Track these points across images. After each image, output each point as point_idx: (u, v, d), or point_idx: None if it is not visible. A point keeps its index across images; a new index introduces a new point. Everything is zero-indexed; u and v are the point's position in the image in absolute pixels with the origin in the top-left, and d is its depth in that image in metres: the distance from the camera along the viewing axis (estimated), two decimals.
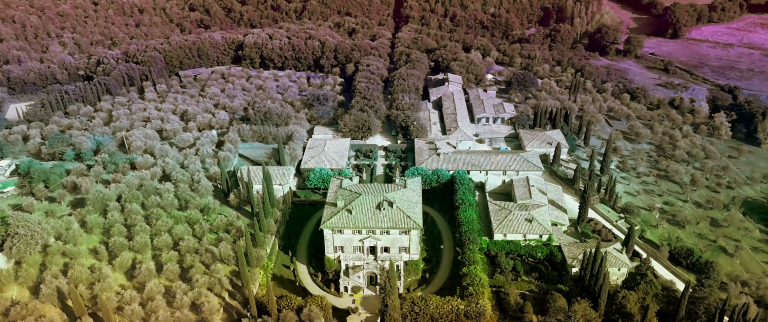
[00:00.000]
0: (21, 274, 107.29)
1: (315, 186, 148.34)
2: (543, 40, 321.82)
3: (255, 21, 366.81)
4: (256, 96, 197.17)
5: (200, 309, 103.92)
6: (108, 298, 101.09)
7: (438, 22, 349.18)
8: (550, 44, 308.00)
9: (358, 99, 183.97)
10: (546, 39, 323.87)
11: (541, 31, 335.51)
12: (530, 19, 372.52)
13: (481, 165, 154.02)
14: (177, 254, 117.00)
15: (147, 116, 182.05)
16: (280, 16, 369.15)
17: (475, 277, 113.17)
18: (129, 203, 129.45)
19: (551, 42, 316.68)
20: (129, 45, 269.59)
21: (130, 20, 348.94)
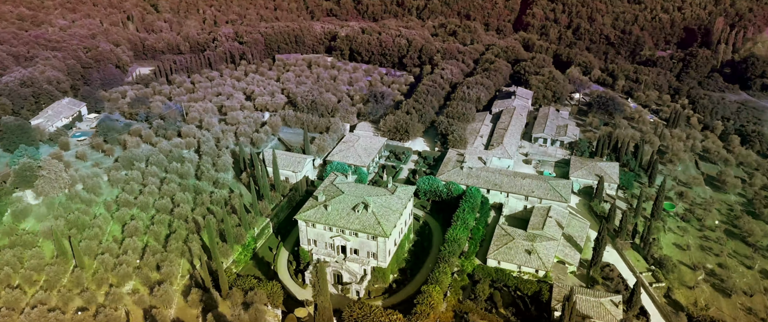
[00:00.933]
0: (40, 211, 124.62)
1: None
2: (674, 65, 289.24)
3: (378, 14, 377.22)
4: (318, 85, 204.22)
5: (161, 270, 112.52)
6: (88, 244, 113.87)
7: (558, 33, 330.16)
8: (682, 70, 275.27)
9: (409, 101, 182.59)
10: (678, 63, 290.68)
11: (676, 55, 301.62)
12: (668, 40, 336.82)
13: (502, 186, 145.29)
14: (169, 218, 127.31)
15: (219, 92, 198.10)
16: (401, 12, 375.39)
17: (428, 297, 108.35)
18: (152, 165, 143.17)
19: (684, 67, 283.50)
20: (245, 26, 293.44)
21: (271, 3, 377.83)
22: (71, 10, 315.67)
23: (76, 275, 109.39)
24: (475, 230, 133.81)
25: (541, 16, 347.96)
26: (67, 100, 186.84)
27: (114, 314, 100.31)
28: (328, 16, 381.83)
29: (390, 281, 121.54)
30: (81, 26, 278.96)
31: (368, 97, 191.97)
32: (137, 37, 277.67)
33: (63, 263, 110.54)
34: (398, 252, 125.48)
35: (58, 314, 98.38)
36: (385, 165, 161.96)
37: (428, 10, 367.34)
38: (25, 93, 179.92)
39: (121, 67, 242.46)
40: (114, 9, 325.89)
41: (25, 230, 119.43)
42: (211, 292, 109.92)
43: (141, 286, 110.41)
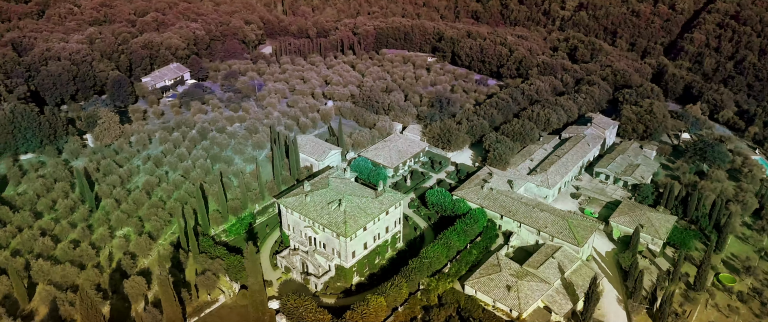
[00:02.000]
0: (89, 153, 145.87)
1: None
2: None
3: (521, 21, 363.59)
4: (390, 82, 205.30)
5: (152, 223, 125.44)
6: (107, 188, 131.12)
7: (716, 64, 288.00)
8: None
9: (465, 111, 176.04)
10: None
11: None
12: None
13: (516, 214, 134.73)
14: (184, 179, 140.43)
15: (301, 76, 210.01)
16: (545, 21, 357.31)
17: (364, 306, 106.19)
18: (193, 130, 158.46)
19: None
20: (367, 18, 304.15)
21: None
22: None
23: (92, 214, 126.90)
24: (466, 253, 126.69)
25: (701, 42, 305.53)
26: (175, 65, 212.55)
27: (91, 251, 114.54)
28: (470, 18, 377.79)
29: (352, 283, 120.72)
30: (231, 3, 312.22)
31: (432, 102, 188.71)
32: (275, 18, 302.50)
33: (81, 204, 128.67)
34: (371, 257, 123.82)
35: (48, 239, 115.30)
36: (414, 171, 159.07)
37: (572, 22, 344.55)
38: (143, 54, 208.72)
39: (247, 43, 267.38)
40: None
41: (70, 167, 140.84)
42: (184, 252, 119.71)
43: (132, 233, 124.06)
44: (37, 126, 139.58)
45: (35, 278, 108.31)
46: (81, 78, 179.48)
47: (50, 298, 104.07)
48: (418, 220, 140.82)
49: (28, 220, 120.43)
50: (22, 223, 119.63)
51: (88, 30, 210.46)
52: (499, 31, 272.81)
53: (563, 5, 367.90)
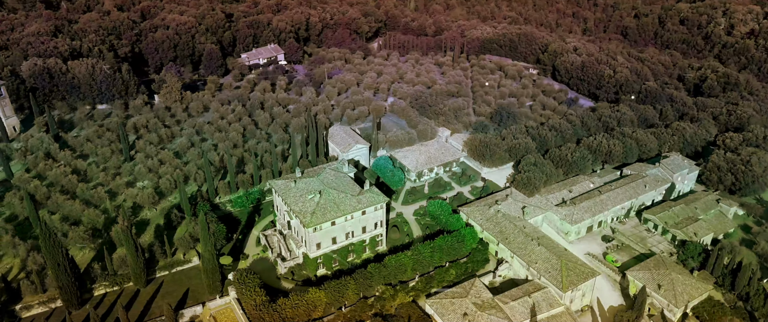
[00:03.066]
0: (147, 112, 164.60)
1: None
2: None
3: (674, 43, 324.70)
4: (463, 88, 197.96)
5: (162, 184, 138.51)
6: (141, 144, 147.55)
7: None
8: None
9: (516, 128, 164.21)
10: None
11: None
12: None
13: (511, 243, 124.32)
14: (214, 150, 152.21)
15: (380, 70, 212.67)
16: (702, 45, 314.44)
17: (302, 296, 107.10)
18: (240, 106, 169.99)
19: None
20: (485, 23, 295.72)
21: (570, 9, 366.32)
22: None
23: (124, 164, 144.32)
24: (443, 270, 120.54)
25: None
26: (272, 46, 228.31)
27: (104, 195, 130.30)
28: (618, 34, 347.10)
29: (315, 274, 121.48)
30: None
31: (494, 113, 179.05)
32: (401, 14, 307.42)
33: (120, 154, 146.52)
34: (344, 253, 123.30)
35: (75, 177, 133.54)
36: (439, 179, 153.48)
37: (734, 50, 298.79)
38: (247, 33, 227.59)
39: (360, 34, 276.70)
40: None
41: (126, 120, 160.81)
42: (178, 212, 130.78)
43: (149, 188, 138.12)
44: (112, 82, 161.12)
45: (49, 207, 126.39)
46: (181, 47, 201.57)
47: (57, 227, 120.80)
48: (415, 228, 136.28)
49: (67, 158, 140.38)
50: (62, 159, 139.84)
51: (202, 6, 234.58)
52: (611, 48, 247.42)
53: (730, 31, 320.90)
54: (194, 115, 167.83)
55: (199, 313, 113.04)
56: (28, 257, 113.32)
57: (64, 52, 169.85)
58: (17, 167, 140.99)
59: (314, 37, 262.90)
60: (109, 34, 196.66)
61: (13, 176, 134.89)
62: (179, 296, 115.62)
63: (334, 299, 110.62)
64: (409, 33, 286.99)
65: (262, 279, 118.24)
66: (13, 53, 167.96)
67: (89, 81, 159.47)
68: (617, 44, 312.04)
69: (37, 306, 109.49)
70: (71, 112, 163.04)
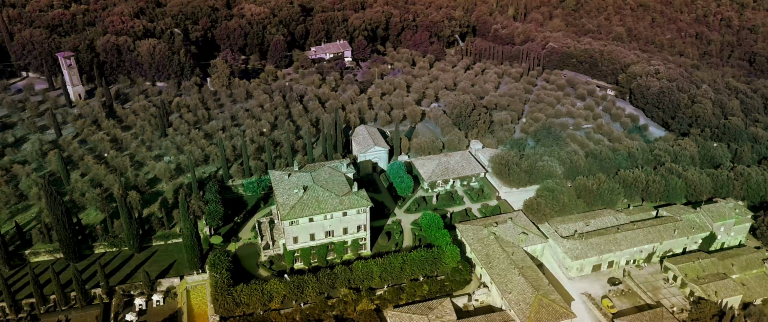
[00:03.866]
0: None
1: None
2: None
3: None
4: (515, 101, 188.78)
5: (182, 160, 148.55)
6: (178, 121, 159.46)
7: None
8: None
9: (539, 151, 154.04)
10: None
11: None
12: None
13: (492, 268, 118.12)
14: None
15: (437, 76, 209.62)
16: None
17: (260, 286, 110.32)
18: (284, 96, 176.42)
19: None
20: (573, 38, 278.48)
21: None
22: None
23: (158, 141, 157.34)
24: (416, 284, 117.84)
25: None
26: (341, 42, 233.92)
27: (127, 167, 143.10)
28: (744, 60, 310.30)
29: (291, 266, 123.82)
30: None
31: (538, 131, 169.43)
32: (492, 20, 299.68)
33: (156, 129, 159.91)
34: (323, 251, 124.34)
35: (110, 145, 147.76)
36: (454, 192, 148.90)
37: None
38: (319, 28, 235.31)
39: (441, 37, 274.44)
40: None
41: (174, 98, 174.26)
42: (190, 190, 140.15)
43: (174, 163, 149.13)
44: (169, 63, 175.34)
45: (82, 168, 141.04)
46: (251, 36, 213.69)
47: (78, 187, 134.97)
48: (408, 238, 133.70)
49: (110, 127, 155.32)
50: (105, 128, 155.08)
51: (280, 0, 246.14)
52: (703, 74, 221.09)
53: None
54: (238, 101, 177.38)
55: (176, 285, 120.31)
56: (44, 210, 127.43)
57: (137, 32, 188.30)
58: (69, 130, 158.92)
59: (393, 37, 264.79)
60: (187, 18, 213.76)
61: (61, 136, 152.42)
62: (165, 266, 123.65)
63: (292, 293, 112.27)
64: (498, 40, 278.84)
65: (242, 264, 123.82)
66: (96, 30, 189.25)
67: (149, 60, 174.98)
68: (735, 72, 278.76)
69: (43, 254, 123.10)
70: (132, 87, 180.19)
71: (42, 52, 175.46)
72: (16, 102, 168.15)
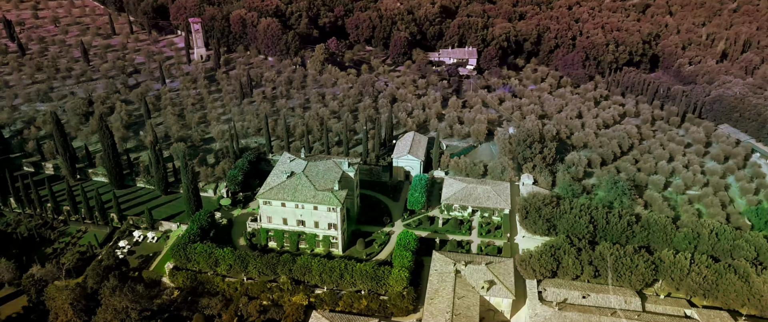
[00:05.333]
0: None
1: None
2: None
3: None
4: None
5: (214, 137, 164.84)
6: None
7: None
8: None
9: (571, 202, 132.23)
10: None
11: None
12: None
13: (431, 304, 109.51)
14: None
15: (542, 100, 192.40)
16: None
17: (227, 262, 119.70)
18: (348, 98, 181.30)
19: None
20: None
21: None
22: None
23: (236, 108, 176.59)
24: (356, 296, 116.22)
25: None
26: (469, 49, 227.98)
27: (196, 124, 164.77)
28: None
29: (263, 243, 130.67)
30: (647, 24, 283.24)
31: (608, 181, 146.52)
32: (679, 54, 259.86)
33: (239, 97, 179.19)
34: (294, 238, 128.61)
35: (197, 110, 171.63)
36: (464, 219, 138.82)
37: None
38: (452, 32, 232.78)
39: (600, 61, 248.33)
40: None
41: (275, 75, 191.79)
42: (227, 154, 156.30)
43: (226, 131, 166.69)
44: (277, 41, 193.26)
45: (162, 117, 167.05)
46: (378, 30, 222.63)
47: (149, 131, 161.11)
48: (388, 249, 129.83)
49: (201, 86, 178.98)
50: (199, 87, 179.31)
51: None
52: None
53: None
54: (324, 86, 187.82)
55: (174, 229, 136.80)
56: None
57: (269, 10, 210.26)
58: (175, 83, 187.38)
59: (544, 54, 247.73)
60: (324, 5, 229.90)
61: (164, 85, 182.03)
62: (175, 212, 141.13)
63: (237, 265, 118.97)
64: (679, 78, 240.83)
65: (232, 229, 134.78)
66: (239, 3, 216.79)
67: (263, 36, 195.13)
68: None
69: (100, 175, 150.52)
70: (243, 57, 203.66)
71: (187, 17, 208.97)
72: (152, 53, 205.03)
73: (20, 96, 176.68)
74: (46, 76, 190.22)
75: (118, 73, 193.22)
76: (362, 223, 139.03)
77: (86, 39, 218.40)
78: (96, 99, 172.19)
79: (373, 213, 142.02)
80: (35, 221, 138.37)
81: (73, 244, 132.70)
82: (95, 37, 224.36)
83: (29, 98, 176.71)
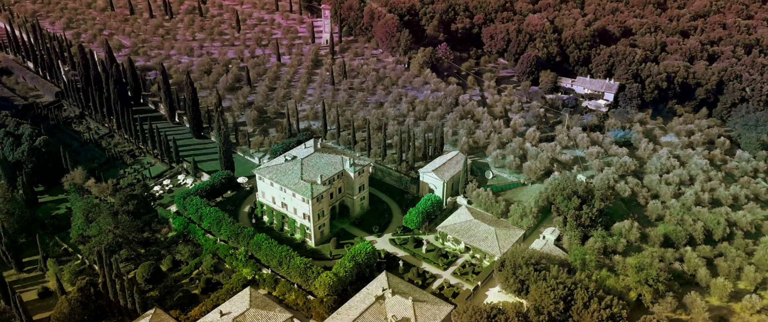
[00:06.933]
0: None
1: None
2: None
3: None
4: None
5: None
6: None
7: None
8: None
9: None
10: None
11: None
12: None
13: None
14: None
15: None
16: None
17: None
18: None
19: None
20: None
21: None
22: None
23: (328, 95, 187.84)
24: (286, 285, 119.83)
25: None
26: (614, 83, 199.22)
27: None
28: None
29: (258, 215, 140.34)
30: None
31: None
32: None
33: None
34: (280, 217, 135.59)
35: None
36: (448, 253, 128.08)
37: None
38: (604, 61, 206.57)
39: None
40: None
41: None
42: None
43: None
44: (391, 38, 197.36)
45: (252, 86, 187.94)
46: (513, 43, 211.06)
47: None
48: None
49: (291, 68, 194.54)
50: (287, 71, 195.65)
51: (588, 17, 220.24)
52: None
53: None
54: (414, 89, 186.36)
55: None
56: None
57: (402, 8, 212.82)
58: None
59: (723, 107, 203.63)
60: (465, 10, 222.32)
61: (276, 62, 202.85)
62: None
63: (213, 225, 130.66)
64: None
65: (246, 197, 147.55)
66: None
67: (379, 30, 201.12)
68: None
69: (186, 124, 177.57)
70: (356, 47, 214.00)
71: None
72: (288, 30, 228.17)
73: (176, 48, 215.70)
74: (204, 36, 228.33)
75: (254, 44, 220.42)
76: (357, 225, 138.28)
77: (249, 10, 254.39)
78: (220, 61, 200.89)
79: (373, 219, 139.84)
80: (129, 146, 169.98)
81: (138, 170, 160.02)
82: (260, 10, 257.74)
83: (179, 52, 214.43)
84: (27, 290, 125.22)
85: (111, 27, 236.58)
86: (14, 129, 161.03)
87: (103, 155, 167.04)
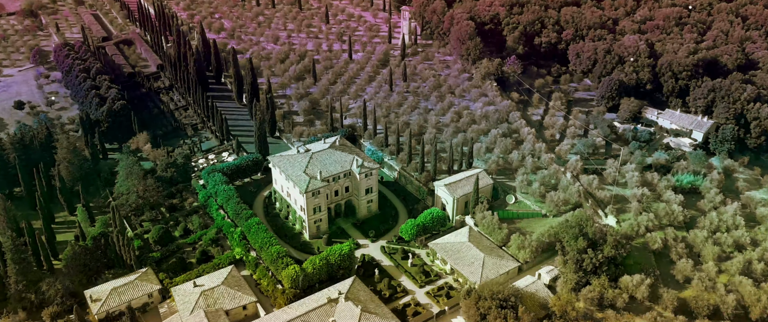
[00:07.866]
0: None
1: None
2: None
3: None
4: None
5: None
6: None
7: None
8: None
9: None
10: None
11: None
12: None
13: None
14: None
15: None
16: None
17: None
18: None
19: None
20: None
21: None
22: None
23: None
24: (264, 269, 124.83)
25: None
26: (707, 122, 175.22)
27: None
28: None
29: (272, 199, 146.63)
30: None
31: None
32: None
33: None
34: (284, 204, 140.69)
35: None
36: (437, 274, 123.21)
37: None
38: (704, 94, 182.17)
39: None
40: None
41: None
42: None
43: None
44: (461, 45, 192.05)
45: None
46: (599, 64, 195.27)
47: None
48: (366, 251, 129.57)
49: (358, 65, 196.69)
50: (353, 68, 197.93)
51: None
52: None
53: None
54: (469, 99, 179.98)
55: None
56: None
57: (486, 17, 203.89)
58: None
59: None
60: (556, 24, 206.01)
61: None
62: None
63: (224, 202, 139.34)
64: None
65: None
66: (466, 4, 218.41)
67: (456, 35, 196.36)
68: None
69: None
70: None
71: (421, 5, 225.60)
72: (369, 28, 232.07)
73: (265, 36, 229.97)
74: (294, 27, 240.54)
75: (335, 38, 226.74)
76: (357, 226, 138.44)
77: (343, 5, 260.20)
78: (297, 52, 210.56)
79: (377, 223, 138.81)
80: (196, 120, 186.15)
81: (195, 142, 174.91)
82: (356, 7, 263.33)
83: (267, 39, 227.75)
84: (69, 231, 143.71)
85: (221, 11, 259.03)
86: (105, 92, 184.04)
87: (170, 125, 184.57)
